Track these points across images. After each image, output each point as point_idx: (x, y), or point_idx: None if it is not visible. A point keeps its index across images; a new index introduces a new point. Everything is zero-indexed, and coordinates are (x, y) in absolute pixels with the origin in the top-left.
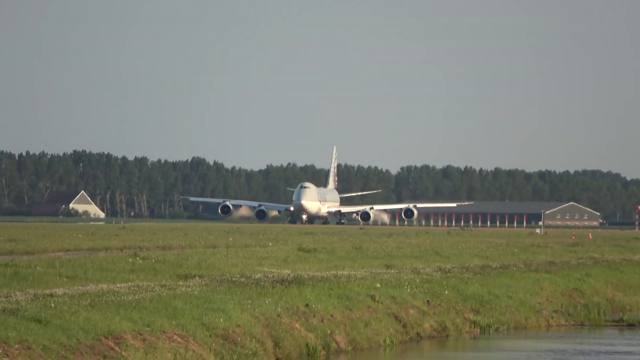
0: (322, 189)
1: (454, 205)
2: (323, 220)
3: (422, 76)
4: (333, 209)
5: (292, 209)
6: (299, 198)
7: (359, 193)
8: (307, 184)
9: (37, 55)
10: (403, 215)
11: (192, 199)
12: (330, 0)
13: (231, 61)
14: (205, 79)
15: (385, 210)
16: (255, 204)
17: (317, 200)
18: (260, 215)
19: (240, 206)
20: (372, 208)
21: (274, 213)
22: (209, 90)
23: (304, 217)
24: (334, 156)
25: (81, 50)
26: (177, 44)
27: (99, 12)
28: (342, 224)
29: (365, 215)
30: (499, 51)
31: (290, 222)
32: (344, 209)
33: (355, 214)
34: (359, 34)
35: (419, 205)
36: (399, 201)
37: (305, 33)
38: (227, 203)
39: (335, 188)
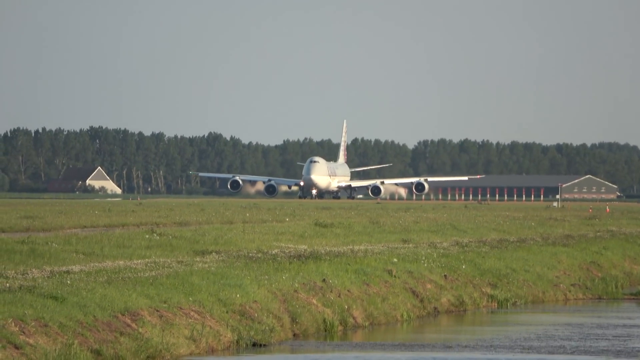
0: (332, 164)
1: (465, 178)
2: (333, 194)
3: (439, 50)
4: (343, 184)
5: (301, 183)
6: (308, 173)
7: (369, 167)
8: (316, 159)
9: (53, 32)
10: (414, 189)
11: (200, 174)
12: None
13: (248, 37)
14: (222, 54)
15: (395, 184)
16: (265, 178)
17: (327, 175)
18: (270, 190)
19: (250, 181)
20: (382, 182)
21: (285, 188)
22: (225, 65)
23: (314, 192)
24: (344, 130)
25: (97, 27)
26: (192, 21)
27: None
28: (353, 198)
29: (375, 190)
30: (516, 25)
31: (300, 197)
32: (355, 184)
33: (367, 189)
34: (375, 7)
35: (430, 179)
36: (417, 175)
37: (320, 8)
38: (237, 178)
39: (345, 162)
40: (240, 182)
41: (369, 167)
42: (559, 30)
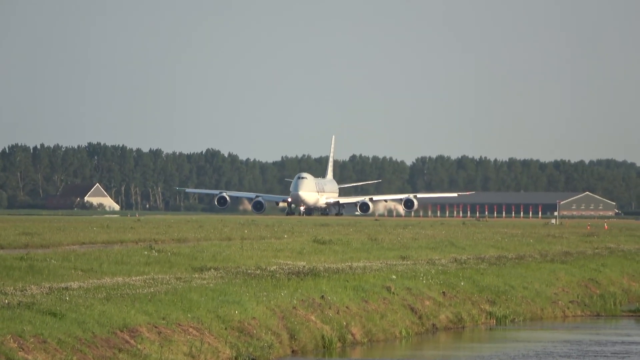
0: (320, 180)
1: (455, 195)
2: (321, 211)
3: (437, 67)
4: (332, 200)
5: (289, 200)
6: (296, 189)
7: (357, 183)
8: (304, 175)
9: (51, 48)
10: (403, 206)
11: (187, 190)
12: None
13: (245, 53)
14: (219, 71)
15: (385, 201)
16: (253, 195)
17: (315, 191)
18: (258, 206)
19: (238, 197)
20: (371, 199)
21: (273, 205)
22: (223, 81)
23: (302, 208)
24: (332, 146)
25: (94, 42)
26: (190, 37)
27: (111, 7)
28: (341, 214)
29: (364, 206)
30: (513, 42)
31: (287, 213)
32: (343, 200)
33: (355, 206)
34: (372, 24)
35: (419, 195)
36: (415, 192)
37: (318, 22)
38: (224, 194)
39: (333, 178)
40: (228, 199)
41: (357, 184)
42: (556, 46)
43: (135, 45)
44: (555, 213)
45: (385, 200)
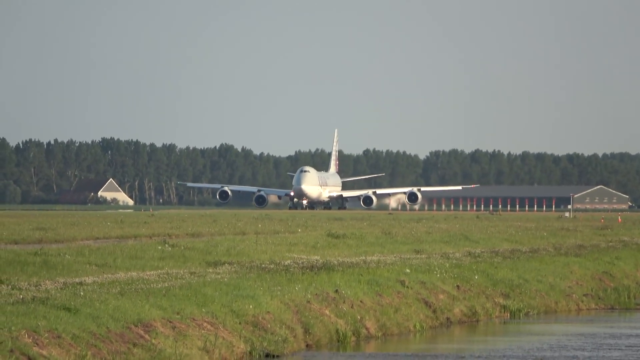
0: (323, 173)
1: (459, 188)
2: (324, 205)
3: (450, 60)
4: (334, 194)
5: (292, 193)
6: (299, 182)
7: (360, 177)
8: (307, 168)
9: (64, 44)
10: (407, 200)
11: (189, 184)
12: None
13: (259, 47)
14: (234, 66)
15: (388, 194)
16: (255, 189)
17: (317, 185)
18: (260, 201)
19: (239, 191)
20: (374, 192)
21: (275, 198)
22: (237, 76)
23: (305, 202)
24: (335, 139)
25: (108, 38)
26: (204, 33)
27: (125, 2)
28: (344, 208)
29: (367, 200)
30: (526, 34)
31: (290, 207)
32: (346, 194)
33: (359, 199)
34: (387, 18)
35: (423, 189)
36: (429, 185)
37: (333, 17)
38: (226, 188)
39: (336, 172)
40: (229, 193)
41: (359, 177)
42: (570, 40)
43: (149, 40)
44: (569, 206)
45: (389, 194)
